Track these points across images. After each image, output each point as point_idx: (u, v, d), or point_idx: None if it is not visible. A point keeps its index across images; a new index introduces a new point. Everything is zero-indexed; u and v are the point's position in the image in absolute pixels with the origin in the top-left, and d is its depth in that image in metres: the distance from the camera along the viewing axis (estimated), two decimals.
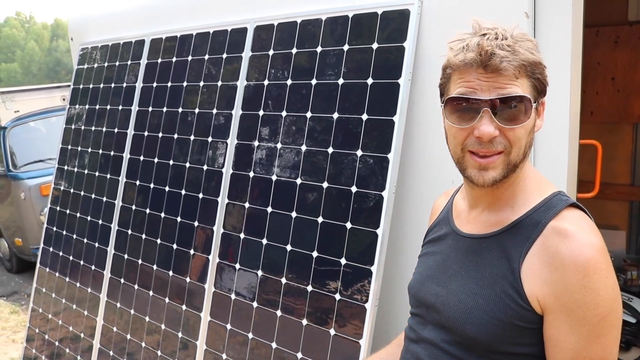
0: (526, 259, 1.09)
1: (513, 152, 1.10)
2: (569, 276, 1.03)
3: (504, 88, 1.07)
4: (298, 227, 2.29)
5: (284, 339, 2.27)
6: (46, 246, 3.73)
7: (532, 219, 1.12)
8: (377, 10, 2.18)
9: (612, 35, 3.67)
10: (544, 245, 1.08)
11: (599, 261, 1.03)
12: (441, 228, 1.33)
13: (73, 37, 3.93)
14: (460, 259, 1.21)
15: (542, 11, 1.87)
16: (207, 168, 2.71)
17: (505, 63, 1.05)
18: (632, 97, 3.66)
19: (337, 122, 2.23)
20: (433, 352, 1.21)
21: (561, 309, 1.04)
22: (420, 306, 1.29)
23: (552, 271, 1.05)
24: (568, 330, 1.04)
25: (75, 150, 3.62)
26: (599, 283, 1.02)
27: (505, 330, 1.09)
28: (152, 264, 2.92)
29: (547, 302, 1.06)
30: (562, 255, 1.05)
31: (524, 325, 1.09)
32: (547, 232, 1.09)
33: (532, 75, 1.09)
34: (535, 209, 1.13)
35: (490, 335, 1.10)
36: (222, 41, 2.77)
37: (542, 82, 1.11)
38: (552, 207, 1.12)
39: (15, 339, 5.01)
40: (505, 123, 1.08)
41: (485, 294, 1.12)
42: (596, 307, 1.02)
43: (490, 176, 1.11)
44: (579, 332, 1.03)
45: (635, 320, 2.80)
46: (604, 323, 1.02)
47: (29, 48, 43.44)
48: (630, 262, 3.62)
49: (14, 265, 6.94)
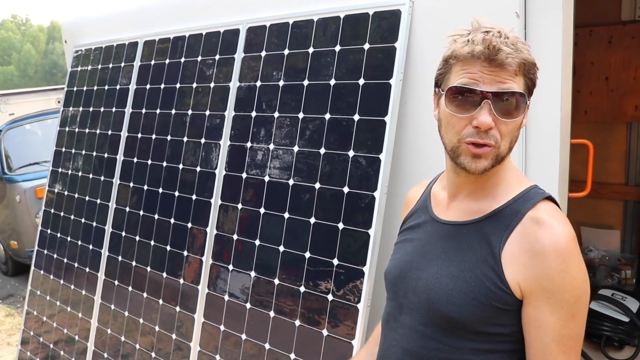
0: (506, 245, 1.16)
1: (502, 146, 1.16)
2: (550, 262, 1.11)
3: (504, 83, 1.13)
4: (290, 228, 2.29)
5: (277, 340, 2.27)
6: (41, 249, 3.73)
7: (512, 208, 1.19)
8: (369, 10, 2.18)
9: (606, 35, 3.67)
10: (523, 233, 1.15)
11: (573, 248, 1.12)
12: (419, 216, 1.38)
13: (67, 40, 3.93)
14: (441, 245, 1.26)
15: (532, 11, 1.87)
16: (200, 170, 2.71)
17: (510, 59, 1.11)
18: (625, 96, 3.66)
19: (329, 122, 2.23)
20: (411, 335, 1.26)
21: (542, 292, 1.12)
22: (397, 291, 1.33)
23: (532, 257, 1.12)
24: (549, 312, 1.11)
25: (70, 152, 3.62)
26: (575, 267, 1.11)
27: (484, 311, 1.15)
28: (146, 265, 2.92)
29: (528, 285, 1.13)
30: (542, 242, 1.12)
31: (502, 307, 1.15)
32: (525, 221, 1.16)
33: (527, 74, 1.16)
34: (515, 199, 1.20)
35: (470, 315, 1.16)
36: (215, 42, 2.77)
37: (534, 83, 1.19)
38: (530, 198, 1.19)
39: (10, 342, 5.00)
40: (501, 116, 1.14)
41: (465, 277, 1.18)
42: (573, 289, 1.11)
43: (482, 165, 1.17)
44: (559, 313, 1.11)
45: (629, 319, 2.81)
46: (579, 303, 1.12)
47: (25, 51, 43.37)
48: (624, 261, 3.63)
49: (9, 268, 6.93)
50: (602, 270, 3.60)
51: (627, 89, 3.65)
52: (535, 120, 1.90)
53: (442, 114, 1.21)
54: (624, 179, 3.79)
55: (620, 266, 3.58)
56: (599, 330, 2.85)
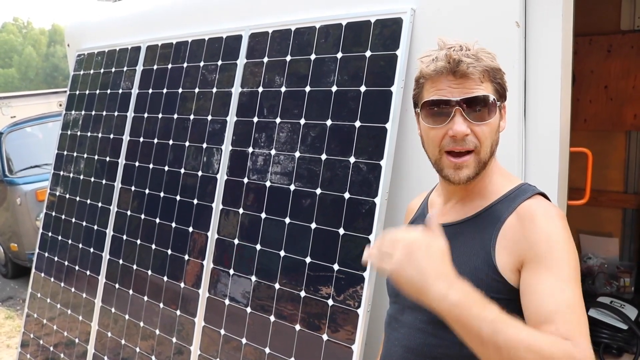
0: (499, 237, 1.21)
1: (482, 151, 1.24)
2: (541, 222, 1.16)
3: (471, 90, 1.21)
4: (291, 233, 2.31)
5: (277, 345, 2.28)
6: (41, 251, 3.74)
7: (504, 202, 1.25)
8: (371, 18, 2.20)
9: (605, 43, 3.69)
10: (515, 221, 1.21)
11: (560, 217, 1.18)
12: (418, 224, 1.44)
13: (70, 44, 3.95)
14: None
15: (532, 20, 1.89)
16: (201, 174, 2.73)
17: (471, 68, 1.19)
18: (624, 105, 3.68)
19: (331, 129, 2.24)
20: (413, 334, 1.30)
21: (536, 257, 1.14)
22: (399, 294, 1.36)
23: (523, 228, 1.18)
24: (549, 273, 1.12)
25: (71, 156, 3.64)
26: (566, 228, 1.16)
27: None
28: (147, 269, 2.93)
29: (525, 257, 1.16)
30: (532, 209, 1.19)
31: (495, 296, 1.15)
32: (519, 209, 1.22)
33: (494, 80, 1.24)
34: (506, 195, 1.27)
35: None
36: (217, 48, 2.79)
37: (503, 87, 1.27)
38: (524, 193, 1.25)
39: (10, 344, 5.00)
40: (474, 120, 1.22)
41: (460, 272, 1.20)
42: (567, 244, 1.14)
43: (464, 174, 1.25)
44: (558, 273, 1.11)
45: (627, 327, 2.81)
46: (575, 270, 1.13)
47: (26, 53, 43.43)
48: (623, 269, 3.64)
49: (9, 271, 6.94)
50: (600, 278, 3.60)
51: (627, 97, 3.66)
52: (535, 128, 1.92)
53: (422, 129, 1.32)
54: (623, 187, 3.80)
55: (619, 274, 3.59)
56: (597, 337, 2.86)
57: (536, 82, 1.91)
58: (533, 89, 1.92)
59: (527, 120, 1.93)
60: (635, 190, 3.76)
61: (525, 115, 1.93)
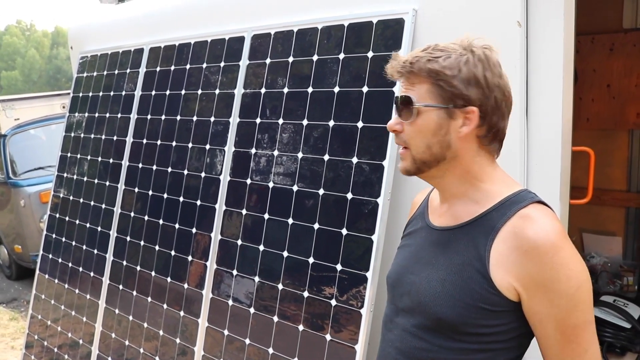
0: (493, 246, 1.19)
1: (413, 149, 1.26)
2: (540, 256, 1.13)
3: (404, 90, 1.27)
4: (294, 233, 2.31)
5: (281, 345, 2.29)
6: (45, 253, 3.75)
7: (499, 210, 1.22)
8: (373, 19, 2.21)
9: (608, 42, 3.69)
10: (511, 231, 1.18)
11: (563, 240, 1.14)
12: (417, 222, 1.44)
13: (73, 46, 3.97)
14: (432, 250, 1.31)
15: (534, 20, 1.89)
16: (205, 175, 2.74)
17: (404, 70, 1.24)
18: (627, 104, 3.67)
19: (333, 129, 2.25)
20: (404, 336, 1.31)
21: (537, 287, 1.14)
22: (395, 295, 1.39)
23: (522, 254, 1.15)
24: (549, 305, 1.14)
25: (75, 157, 3.65)
26: (567, 258, 1.13)
27: (472, 313, 1.19)
28: (151, 270, 2.94)
29: (522, 282, 1.15)
30: (530, 238, 1.14)
31: (489, 308, 1.18)
32: (513, 220, 1.18)
33: (435, 81, 1.22)
34: (501, 202, 1.23)
35: (457, 317, 1.20)
36: (220, 50, 2.79)
37: (444, 89, 1.22)
38: (520, 201, 1.21)
39: (14, 346, 5.02)
40: (402, 119, 1.27)
41: (452, 280, 1.22)
42: (568, 280, 1.12)
43: (402, 166, 1.30)
44: (559, 305, 1.13)
45: (631, 326, 2.81)
46: (579, 293, 1.13)
47: (29, 56, 43.56)
48: (626, 268, 3.63)
49: (13, 272, 6.96)
50: (604, 277, 3.60)
51: (629, 96, 3.66)
52: (537, 127, 1.92)
53: None
54: (625, 185, 3.80)
55: (622, 273, 3.58)
56: (600, 336, 2.86)
57: (538, 82, 1.91)
58: (535, 88, 1.92)
59: (529, 120, 1.93)
60: (638, 189, 3.76)
61: (527, 114, 1.93)
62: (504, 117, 1.26)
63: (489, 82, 1.21)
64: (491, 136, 1.25)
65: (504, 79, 1.25)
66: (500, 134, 1.27)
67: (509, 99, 1.26)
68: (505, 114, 1.26)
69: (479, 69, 1.21)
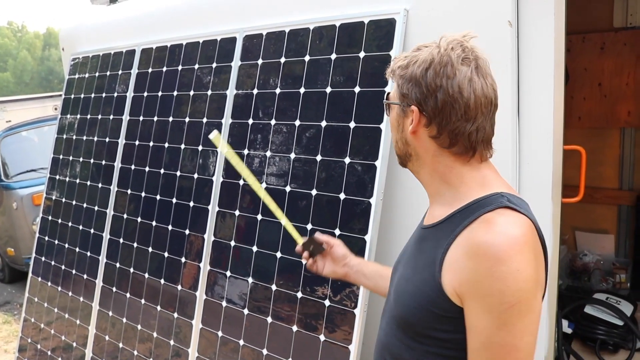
0: (450, 249, 1.15)
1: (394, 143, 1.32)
2: (480, 263, 1.07)
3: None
4: (288, 234, 2.31)
5: (275, 345, 2.29)
6: (38, 256, 3.74)
7: (464, 213, 1.17)
8: (364, 19, 2.21)
9: (598, 41, 3.71)
10: (467, 236, 1.13)
11: (511, 252, 1.06)
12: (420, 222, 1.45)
13: (64, 47, 3.95)
14: (413, 247, 1.31)
15: (525, 20, 1.90)
16: (197, 177, 2.73)
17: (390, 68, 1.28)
18: (618, 102, 3.70)
19: (326, 130, 2.25)
20: (385, 329, 1.33)
21: (473, 295, 1.09)
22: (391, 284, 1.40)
23: (467, 259, 1.10)
24: (480, 316, 1.09)
25: (67, 159, 3.64)
26: (508, 273, 1.05)
27: (425, 315, 1.17)
28: (144, 272, 2.93)
29: (463, 289, 1.11)
30: (477, 243, 1.09)
31: (439, 313, 1.15)
32: (474, 224, 1.13)
33: (397, 83, 1.25)
34: (468, 205, 1.18)
35: (414, 318, 1.20)
36: (212, 50, 2.79)
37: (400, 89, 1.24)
38: (487, 204, 1.15)
39: (7, 349, 4.99)
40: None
41: (415, 280, 1.21)
42: (502, 295, 1.05)
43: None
44: (488, 318, 1.07)
45: (623, 323, 2.83)
46: (512, 311, 1.06)
47: (21, 57, 43.34)
48: (619, 265, 3.66)
49: (6, 275, 6.92)
50: (596, 275, 3.62)
51: (620, 94, 3.68)
52: (529, 126, 1.93)
53: None
54: (617, 183, 3.82)
55: (615, 270, 3.61)
56: (593, 334, 2.87)
57: (529, 81, 1.92)
58: (526, 87, 1.93)
59: (521, 119, 1.94)
60: (630, 186, 3.78)
61: (518, 113, 1.94)
62: (459, 120, 1.17)
63: (428, 82, 1.17)
64: (448, 139, 1.19)
65: (455, 79, 1.16)
66: (462, 138, 1.18)
67: (461, 101, 1.16)
68: (461, 117, 1.16)
69: (421, 68, 1.18)
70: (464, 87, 1.16)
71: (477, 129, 1.18)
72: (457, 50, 1.17)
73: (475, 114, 1.17)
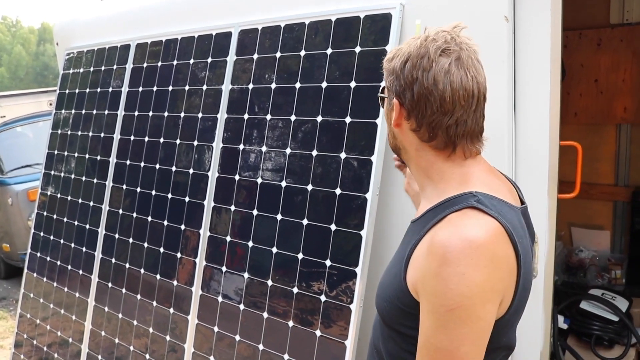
0: (418, 246, 1.15)
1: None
2: (430, 262, 1.07)
3: None
4: (283, 229, 2.31)
5: (271, 341, 2.28)
6: (34, 251, 3.72)
7: (436, 211, 1.17)
8: (360, 14, 2.20)
9: (595, 37, 3.71)
10: (432, 233, 1.12)
11: (460, 254, 1.04)
12: None
13: (59, 42, 3.93)
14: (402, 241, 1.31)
15: (521, 15, 1.90)
16: (193, 172, 2.72)
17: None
18: (614, 98, 3.70)
19: (321, 125, 2.24)
20: (374, 322, 1.36)
21: (423, 293, 1.09)
22: None
23: (425, 257, 1.10)
24: (425, 315, 1.09)
25: (62, 155, 3.62)
26: (454, 276, 1.03)
27: (394, 310, 1.19)
28: (140, 267, 2.92)
29: (417, 286, 1.11)
30: (434, 242, 1.09)
31: (403, 308, 1.16)
32: (441, 222, 1.12)
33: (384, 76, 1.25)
34: (442, 202, 1.17)
35: (385, 312, 1.22)
36: (207, 45, 2.78)
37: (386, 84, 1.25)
38: (457, 203, 1.13)
39: (3, 345, 4.99)
40: None
41: (390, 274, 1.23)
42: (444, 298, 1.04)
43: None
44: (430, 318, 1.07)
45: (618, 319, 2.83)
46: (450, 315, 1.04)
47: (15, 52, 43.14)
48: (614, 261, 3.66)
49: (1, 271, 6.91)
50: (592, 271, 3.63)
51: (616, 90, 3.69)
52: (525, 122, 1.93)
53: None
54: (613, 179, 3.83)
55: (610, 266, 3.62)
56: (589, 329, 2.88)
57: (525, 77, 1.91)
58: (522, 83, 1.92)
59: (517, 115, 1.94)
60: (625, 182, 3.79)
61: (515, 109, 1.94)
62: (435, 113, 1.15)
63: (406, 74, 1.16)
64: (427, 132, 1.18)
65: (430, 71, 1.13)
66: (440, 131, 1.16)
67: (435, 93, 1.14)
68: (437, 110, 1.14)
69: (400, 61, 1.17)
70: (439, 79, 1.13)
71: (456, 123, 1.16)
72: (438, 41, 1.15)
73: (452, 107, 1.14)
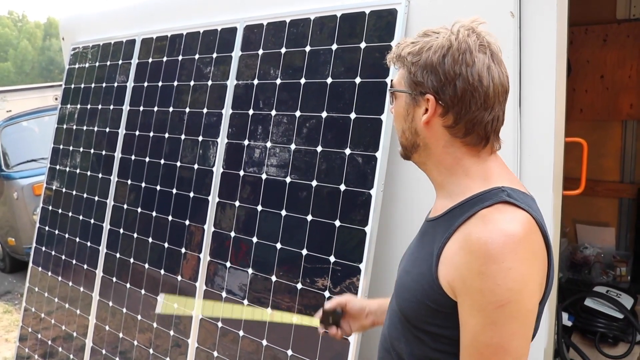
0: (448, 244, 1.13)
1: (397, 134, 1.28)
2: (471, 260, 1.06)
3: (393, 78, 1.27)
4: (288, 225, 2.31)
5: (274, 337, 2.29)
6: (39, 245, 3.74)
7: (464, 208, 1.15)
8: (365, 9, 2.20)
9: (601, 33, 3.69)
10: (464, 231, 1.11)
11: (504, 250, 1.03)
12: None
13: (64, 37, 3.93)
14: (417, 240, 1.30)
15: (527, 10, 1.89)
16: (197, 167, 2.72)
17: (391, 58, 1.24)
18: (620, 94, 3.68)
19: (326, 120, 2.24)
20: (388, 322, 1.33)
21: (465, 292, 1.07)
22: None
23: (462, 255, 1.08)
24: (469, 313, 1.07)
25: (67, 149, 3.63)
26: (500, 272, 1.03)
27: (421, 309, 1.16)
28: (144, 262, 2.93)
29: (456, 285, 1.09)
30: (472, 239, 1.07)
31: (435, 307, 1.13)
32: (472, 219, 1.11)
33: (405, 68, 1.20)
34: (469, 199, 1.15)
35: (411, 312, 1.19)
36: (212, 41, 2.78)
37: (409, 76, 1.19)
38: (487, 199, 1.12)
39: (8, 339, 5.01)
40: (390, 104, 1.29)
41: (414, 273, 1.21)
42: (492, 294, 1.03)
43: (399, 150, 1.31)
44: (477, 317, 1.06)
45: (623, 316, 2.83)
46: (501, 312, 1.03)
47: (21, 47, 43.24)
48: (619, 258, 3.65)
49: (7, 265, 6.93)
50: (597, 268, 3.62)
51: (622, 87, 3.66)
52: (530, 118, 1.92)
53: None
54: (619, 176, 3.81)
55: (615, 263, 3.60)
56: (593, 327, 2.88)
57: (531, 73, 1.90)
58: (528, 79, 1.91)
59: (522, 111, 1.93)
60: (631, 179, 3.77)
61: (520, 105, 1.93)
62: (478, 109, 1.14)
63: (446, 69, 1.13)
64: (464, 128, 1.16)
65: (474, 67, 1.13)
66: (479, 127, 1.16)
67: (480, 90, 1.13)
68: (480, 106, 1.14)
69: (437, 55, 1.14)
70: (484, 75, 1.13)
71: (493, 118, 1.17)
72: (472, 37, 1.14)
73: (493, 102, 1.15)
